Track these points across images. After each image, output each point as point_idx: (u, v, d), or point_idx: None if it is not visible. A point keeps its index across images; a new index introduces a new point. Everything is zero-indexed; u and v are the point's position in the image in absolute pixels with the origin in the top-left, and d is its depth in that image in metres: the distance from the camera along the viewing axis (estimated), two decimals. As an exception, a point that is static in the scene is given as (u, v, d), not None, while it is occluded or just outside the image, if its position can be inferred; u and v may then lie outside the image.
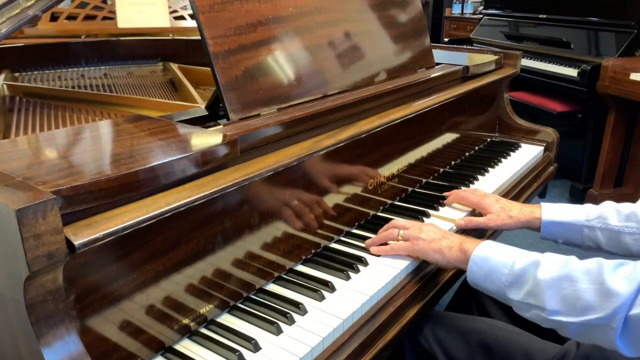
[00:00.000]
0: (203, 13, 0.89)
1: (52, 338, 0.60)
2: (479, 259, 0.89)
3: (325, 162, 1.02)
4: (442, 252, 0.95)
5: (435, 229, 1.01)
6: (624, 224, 1.03)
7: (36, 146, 0.77)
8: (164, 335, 0.77)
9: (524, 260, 0.84)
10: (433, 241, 0.97)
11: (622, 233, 1.03)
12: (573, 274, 0.77)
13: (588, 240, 1.07)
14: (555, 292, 0.77)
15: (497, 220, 1.15)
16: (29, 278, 0.56)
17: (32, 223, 0.54)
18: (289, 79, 1.03)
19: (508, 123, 1.82)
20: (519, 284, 0.82)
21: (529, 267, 0.82)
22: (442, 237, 0.98)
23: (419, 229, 1.01)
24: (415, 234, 1.00)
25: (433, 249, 0.96)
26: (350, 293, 0.92)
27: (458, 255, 0.93)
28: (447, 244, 0.95)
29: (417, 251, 0.98)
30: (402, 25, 1.40)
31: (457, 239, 0.96)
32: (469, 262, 0.90)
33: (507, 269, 0.84)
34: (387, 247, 1.02)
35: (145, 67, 1.80)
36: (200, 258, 0.80)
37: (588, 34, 3.08)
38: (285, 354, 0.77)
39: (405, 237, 1.01)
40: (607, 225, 1.04)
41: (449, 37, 5.04)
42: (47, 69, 1.63)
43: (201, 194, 0.73)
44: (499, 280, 0.85)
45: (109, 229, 0.62)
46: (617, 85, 2.69)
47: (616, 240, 1.04)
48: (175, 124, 0.87)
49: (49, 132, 0.88)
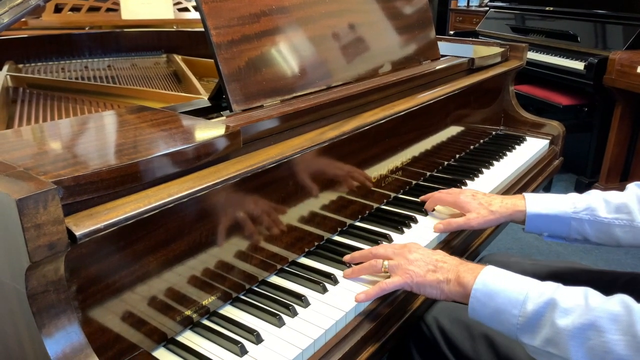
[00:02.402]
0: (206, 3, 0.89)
1: (53, 328, 0.60)
2: (481, 295, 0.79)
3: (329, 154, 1.01)
4: (439, 288, 0.85)
5: (425, 256, 0.89)
6: (614, 216, 0.98)
7: (38, 136, 0.77)
8: (166, 327, 0.77)
9: (536, 298, 0.73)
10: (427, 273, 0.86)
11: (612, 225, 0.98)
12: (599, 323, 0.67)
13: (575, 232, 1.02)
14: (580, 343, 0.68)
15: (478, 218, 1.08)
16: (30, 268, 0.56)
17: (33, 213, 0.54)
18: (292, 70, 1.02)
19: (513, 116, 1.80)
20: (534, 328, 0.73)
21: (543, 310, 0.72)
22: (435, 267, 0.87)
23: (406, 259, 0.89)
24: (403, 266, 0.88)
25: (429, 283, 0.86)
26: (352, 285, 0.91)
27: (457, 289, 0.83)
28: (443, 277, 0.85)
29: (412, 286, 0.87)
30: (407, 16, 1.39)
31: (453, 268, 0.86)
32: (470, 298, 0.80)
33: (518, 310, 0.74)
34: (375, 288, 0.88)
35: (149, 58, 1.80)
36: (203, 249, 0.79)
37: (595, 27, 3.05)
38: (287, 345, 0.77)
39: (392, 269, 0.89)
40: (596, 218, 1.00)
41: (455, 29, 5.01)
42: (50, 60, 1.63)
43: (203, 185, 0.72)
44: (509, 322, 0.75)
45: (111, 219, 0.61)
46: (624, 79, 2.66)
47: (605, 233, 1.00)
48: (178, 115, 0.87)
49: (51, 123, 0.88)
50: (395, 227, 1.11)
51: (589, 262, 2.36)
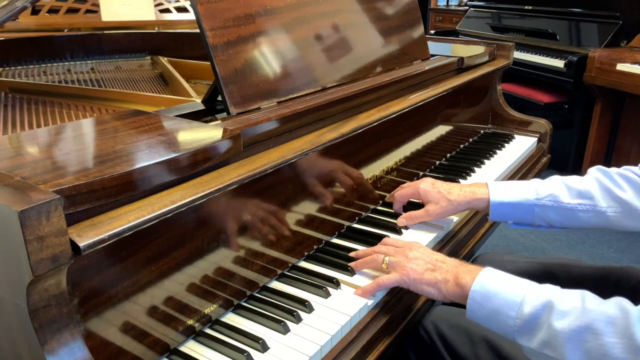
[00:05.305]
0: (201, 4, 0.86)
1: (56, 344, 0.57)
2: (479, 297, 0.79)
3: (324, 156, 0.99)
4: (437, 287, 0.85)
5: (425, 255, 0.89)
6: (577, 202, 1.00)
7: (31, 143, 0.74)
8: (169, 337, 0.75)
9: (533, 300, 0.73)
10: (425, 272, 0.86)
11: (575, 210, 1.00)
12: (595, 325, 0.67)
13: (539, 219, 1.03)
14: (576, 346, 0.68)
15: (436, 208, 1.06)
16: (32, 282, 0.53)
17: (35, 225, 0.51)
18: (288, 72, 1.00)
19: (501, 114, 1.81)
20: (530, 330, 0.73)
21: (540, 312, 0.72)
22: (434, 267, 0.86)
23: (405, 257, 0.89)
24: (402, 263, 0.88)
25: (427, 282, 0.85)
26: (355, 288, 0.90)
27: (455, 290, 0.83)
28: (442, 276, 0.85)
29: (409, 284, 0.87)
30: (398, 16, 1.39)
31: (452, 269, 0.85)
32: (468, 299, 0.80)
33: (515, 312, 0.74)
34: (372, 284, 0.89)
35: (133, 61, 1.76)
36: (205, 256, 0.77)
37: (574, 25, 3.10)
38: (294, 353, 0.75)
39: (392, 265, 0.90)
40: (559, 204, 1.00)
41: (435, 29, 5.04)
42: (31, 63, 1.58)
43: (207, 190, 0.70)
44: (506, 323, 0.75)
45: (115, 229, 0.59)
46: (603, 76, 2.71)
47: (569, 218, 1.01)
48: (175, 119, 0.84)
49: (44, 129, 0.84)
50: (393, 228, 1.10)
51: (573, 257, 2.39)
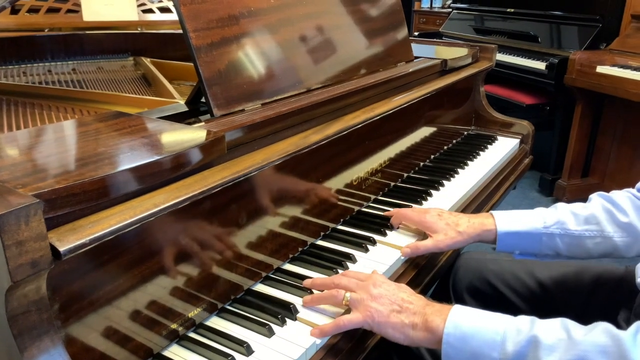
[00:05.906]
0: (184, 5, 0.86)
1: (36, 350, 0.56)
2: (455, 340, 0.73)
3: (309, 158, 0.99)
4: (404, 332, 0.77)
5: (390, 293, 0.81)
6: (584, 228, 0.99)
7: (9, 146, 0.73)
8: (152, 342, 0.74)
9: (514, 337, 0.70)
10: (391, 314, 0.78)
11: (583, 237, 0.99)
12: (589, 358, 0.65)
13: (546, 248, 1.01)
14: None
15: (446, 240, 1.02)
16: (10, 288, 0.52)
17: (14, 230, 0.50)
18: (272, 73, 1.00)
19: (484, 116, 1.83)
20: None
21: (526, 349, 0.68)
22: (400, 308, 0.79)
23: (369, 295, 0.80)
24: (366, 302, 0.80)
25: (392, 325, 0.78)
26: (340, 291, 0.90)
27: (425, 335, 0.76)
28: (408, 320, 0.77)
29: (372, 326, 0.79)
30: (382, 18, 1.39)
31: (420, 310, 0.78)
32: (443, 344, 0.73)
33: (497, 352, 0.70)
34: (331, 324, 0.80)
35: (115, 61, 1.74)
36: (189, 259, 0.77)
37: (555, 28, 3.15)
38: (279, 356, 0.75)
39: (353, 303, 0.81)
40: (566, 231, 0.99)
41: (419, 30, 5.07)
42: (10, 64, 1.55)
43: (190, 193, 0.70)
44: None
45: (96, 233, 0.58)
46: (584, 78, 2.75)
47: (577, 245, 1.00)
48: (158, 121, 0.83)
49: (23, 131, 0.83)
50: (378, 229, 1.10)
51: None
